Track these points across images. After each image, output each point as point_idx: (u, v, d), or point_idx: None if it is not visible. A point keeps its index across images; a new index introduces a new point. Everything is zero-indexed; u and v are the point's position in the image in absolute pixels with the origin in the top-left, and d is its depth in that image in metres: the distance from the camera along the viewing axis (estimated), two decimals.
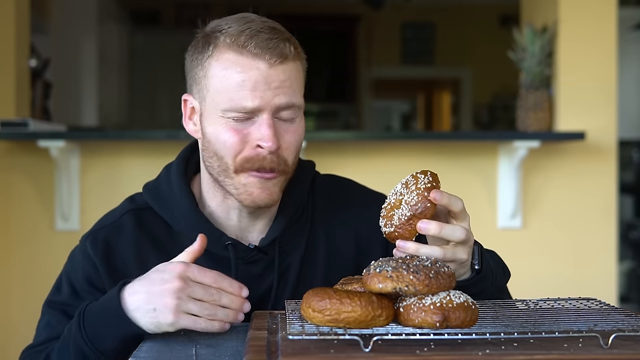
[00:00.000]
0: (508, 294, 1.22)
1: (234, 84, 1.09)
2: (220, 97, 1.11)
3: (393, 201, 1.02)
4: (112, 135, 3.14)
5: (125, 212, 1.22)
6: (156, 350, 0.95)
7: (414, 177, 1.01)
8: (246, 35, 1.10)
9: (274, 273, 1.20)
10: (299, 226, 1.24)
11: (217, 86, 1.11)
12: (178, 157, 1.26)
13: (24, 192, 2.93)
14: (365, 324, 0.86)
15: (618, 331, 0.86)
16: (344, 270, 1.22)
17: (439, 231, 0.97)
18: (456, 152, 3.05)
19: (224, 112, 1.11)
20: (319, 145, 2.96)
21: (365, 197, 1.31)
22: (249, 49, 1.09)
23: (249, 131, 1.11)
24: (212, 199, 1.21)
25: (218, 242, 1.17)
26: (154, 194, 1.23)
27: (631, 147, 5.01)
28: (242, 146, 1.11)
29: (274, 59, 1.09)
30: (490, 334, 0.85)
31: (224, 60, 1.11)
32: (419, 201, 0.98)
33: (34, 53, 3.32)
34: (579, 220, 3.07)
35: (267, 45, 1.09)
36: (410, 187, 1.00)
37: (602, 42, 3.07)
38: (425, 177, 1.00)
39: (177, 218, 1.20)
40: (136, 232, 1.20)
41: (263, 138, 1.10)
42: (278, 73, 1.10)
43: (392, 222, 1.00)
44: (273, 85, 1.10)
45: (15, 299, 2.92)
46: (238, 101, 1.09)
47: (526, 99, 3.03)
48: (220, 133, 1.12)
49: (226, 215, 1.20)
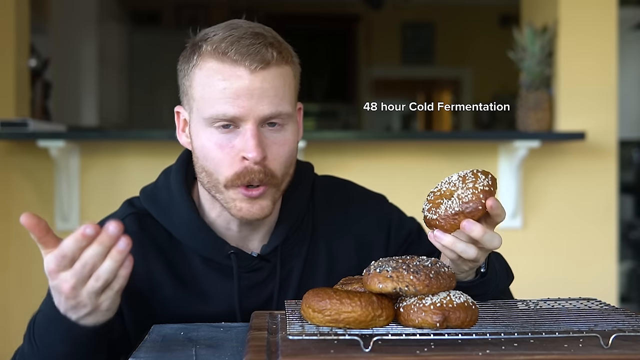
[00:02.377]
0: (509, 295, 1.22)
1: (216, 92, 1.07)
2: (204, 106, 1.09)
3: (444, 190, 1.00)
4: (112, 135, 3.14)
5: (127, 215, 1.20)
6: (156, 350, 0.95)
7: (474, 174, 0.99)
8: (227, 42, 1.07)
9: (275, 280, 1.20)
10: (301, 233, 1.23)
11: (201, 95, 1.09)
12: (177, 162, 1.23)
13: (23, 192, 2.93)
14: (365, 324, 0.86)
15: (618, 331, 0.86)
16: (345, 275, 1.21)
17: (482, 235, 0.96)
18: (456, 152, 3.05)
19: (207, 121, 1.09)
20: (319, 145, 2.96)
21: (365, 199, 1.30)
22: (229, 56, 1.07)
23: (233, 143, 1.08)
24: (211, 209, 1.19)
25: (221, 252, 1.17)
26: (153, 201, 1.21)
27: (631, 147, 5.01)
28: (229, 161, 1.09)
29: (255, 64, 1.06)
30: (490, 334, 0.84)
31: (207, 68, 1.09)
32: (472, 200, 0.96)
33: (34, 53, 3.32)
34: (579, 220, 3.07)
35: (248, 51, 1.06)
36: (467, 183, 0.98)
37: (602, 42, 3.07)
38: (485, 179, 0.98)
39: (177, 226, 1.18)
40: (140, 234, 1.18)
41: (246, 149, 1.07)
42: (260, 80, 1.07)
43: (437, 210, 0.98)
44: (255, 93, 1.07)
45: (15, 299, 2.92)
46: (219, 108, 1.07)
47: (526, 99, 3.03)
48: (207, 149, 1.10)
49: (226, 225, 1.19)
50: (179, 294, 1.16)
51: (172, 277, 1.18)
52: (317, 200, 1.27)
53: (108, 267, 0.88)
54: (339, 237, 1.25)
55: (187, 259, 1.19)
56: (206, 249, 1.17)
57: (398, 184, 2.93)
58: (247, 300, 1.18)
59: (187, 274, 1.18)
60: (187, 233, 1.17)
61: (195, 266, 1.18)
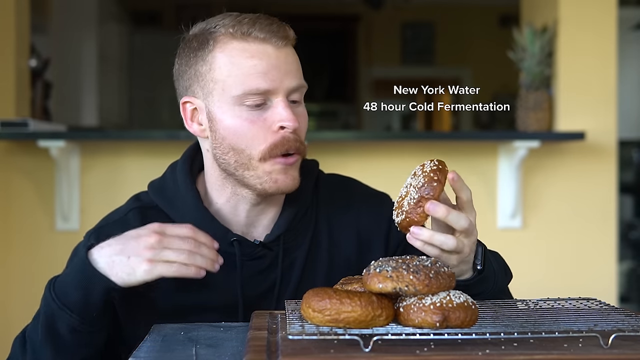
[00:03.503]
0: (509, 295, 1.22)
1: (245, 69, 1.11)
2: (232, 85, 1.12)
3: (403, 193, 1.03)
4: (112, 135, 3.14)
5: (130, 210, 1.23)
6: (156, 350, 0.95)
7: (421, 165, 1.02)
8: (246, 23, 1.12)
9: (277, 269, 1.21)
10: (304, 223, 1.24)
11: (227, 75, 1.12)
12: (183, 156, 1.26)
13: (24, 192, 2.93)
14: (365, 324, 0.86)
15: (618, 331, 0.86)
16: (346, 268, 1.23)
17: (446, 215, 0.98)
18: (456, 152, 3.05)
19: (237, 98, 1.12)
20: (319, 145, 2.96)
21: (368, 196, 1.31)
22: (255, 35, 1.12)
23: (265, 117, 1.13)
24: (219, 195, 1.21)
25: (224, 239, 1.18)
26: (160, 192, 1.24)
27: (631, 147, 5.01)
28: (263, 133, 1.12)
29: (280, 41, 1.12)
30: (490, 334, 0.85)
31: (230, 49, 1.12)
32: (425, 182, 0.98)
33: (34, 53, 3.32)
34: (579, 220, 3.07)
35: (271, 30, 1.12)
36: (417, 175, 1.01)
37: (602, 42, 3.07)
38: (431, 162, 1.01)
39: (182, 215, 1.20)
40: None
41: (284, 119, 1.12)
42: (285, 55, 1.13)
43: (402, 209, 1.00)
44: (282, 68, 1.12)
45: (15, 299, 2.92)
46: (251, 84, 1.11)
47: (526, 99, 3.03)
48: (237, 126, 1.13)
49: (234, 211, 1.21)
50: (181, 285, 1.17)
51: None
52: (321, 195, 1.28)
53: (187, 255, 1.04)
54: (340, 231, 1.26)
55: None
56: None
57: (398, 184, 2.91)
58: (249, 289, 1.19)
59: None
60: (192, 222, 1.18)
61: None
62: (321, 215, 1.27)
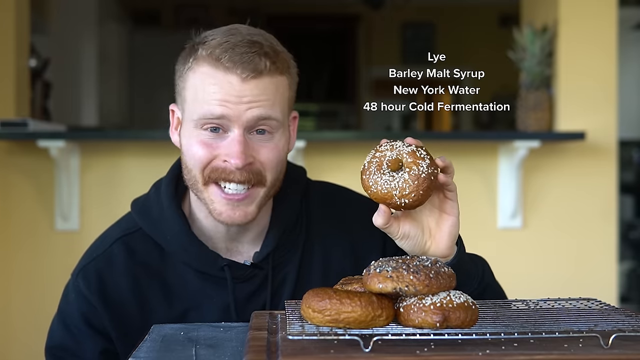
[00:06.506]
0: (500, 290, 1.21)
1: (206, 95, 1.09)
2: (194, 108, 1.11)
3: (384, 189, 1.00)
4: (112, 135, 3.14)
5: (114, 242, 1.20)
6: (156, 350, 0.95)
7: (391, 144, 1.07)
8: (222, 48, 1.09)
9: (267, 290, 1.19)
10: (294, 237, 1.22)
11: (193, 97, 1.11)
12: (168, 175, 1.24)
13: (23, 192, 2.93)
14: (365, 324, 0.86)
15: (618, 331, 0.86)
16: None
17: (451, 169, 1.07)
18: (456, 152, 3.05)
19: (196, 122, 1.10)
20: (318, 145, 2.96)
21: (361, 205, 1.27)
22: (222, 62, 1.08)
23: (219, 145, 1.10)
24: (200, 211, 1.19)
25: (214, 265, 1.17)
26: (144, 215, 1.21)
27: (631, 147, 5.01)
28: (210, 159, 1.11)
29: (246, 73, 1.08)
30: (490, 334, 0.84)
31: (200, 72, 1.11)
32: (431, 164, 1.05)
33: (34, 53, 3.32)
34: (579, 220, 3.07)
35: (241, 60, 1.07)
36: (400, 151, 1.05)
37: (602, 42, 3.07)
38: (405, 145, 1.06)
39: (169, 241, 1.18)
40: (128, 262, 1.18)
41: (230, 154, 1.09)
42: (251, 88, 1.08)
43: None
44: (245, 99, 1.08)
45: (15, 298, 2.91)
46: (208, 108, 1.08)
47: (526, 99, 3.03)
48: (192, 145, 1.12)
49: (215, 228, 1.19)
50: (175, 314, 1.16)
51: (166, 297, 1.18)
52: (312, 205, 1.26)
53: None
54: (334, 243, 1.24)
55: (179, 273, 1.18)
56: (199, 263, 1.17)
57: None
58: (242, 311, 1.18)
59: (180, 291, 1.18)
60: (179, 247, 1.18)
61: (188, 280, 1.18)
62: (313, 226, 1.24)
